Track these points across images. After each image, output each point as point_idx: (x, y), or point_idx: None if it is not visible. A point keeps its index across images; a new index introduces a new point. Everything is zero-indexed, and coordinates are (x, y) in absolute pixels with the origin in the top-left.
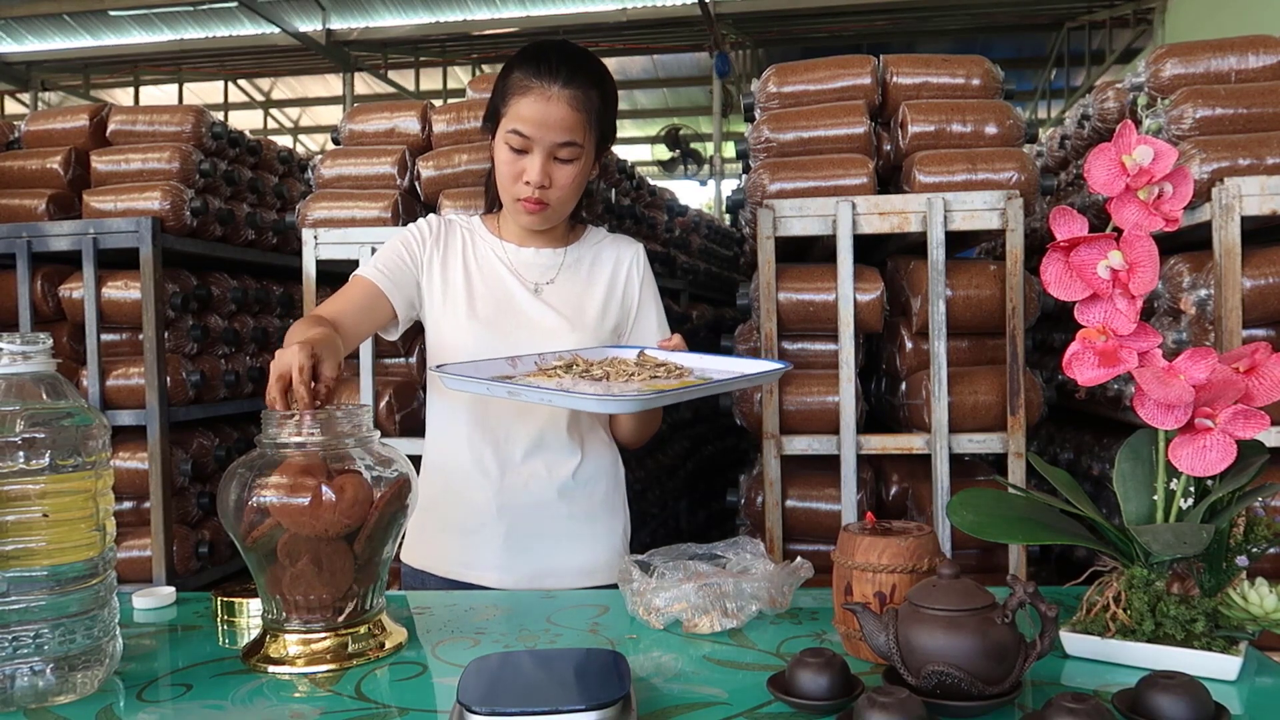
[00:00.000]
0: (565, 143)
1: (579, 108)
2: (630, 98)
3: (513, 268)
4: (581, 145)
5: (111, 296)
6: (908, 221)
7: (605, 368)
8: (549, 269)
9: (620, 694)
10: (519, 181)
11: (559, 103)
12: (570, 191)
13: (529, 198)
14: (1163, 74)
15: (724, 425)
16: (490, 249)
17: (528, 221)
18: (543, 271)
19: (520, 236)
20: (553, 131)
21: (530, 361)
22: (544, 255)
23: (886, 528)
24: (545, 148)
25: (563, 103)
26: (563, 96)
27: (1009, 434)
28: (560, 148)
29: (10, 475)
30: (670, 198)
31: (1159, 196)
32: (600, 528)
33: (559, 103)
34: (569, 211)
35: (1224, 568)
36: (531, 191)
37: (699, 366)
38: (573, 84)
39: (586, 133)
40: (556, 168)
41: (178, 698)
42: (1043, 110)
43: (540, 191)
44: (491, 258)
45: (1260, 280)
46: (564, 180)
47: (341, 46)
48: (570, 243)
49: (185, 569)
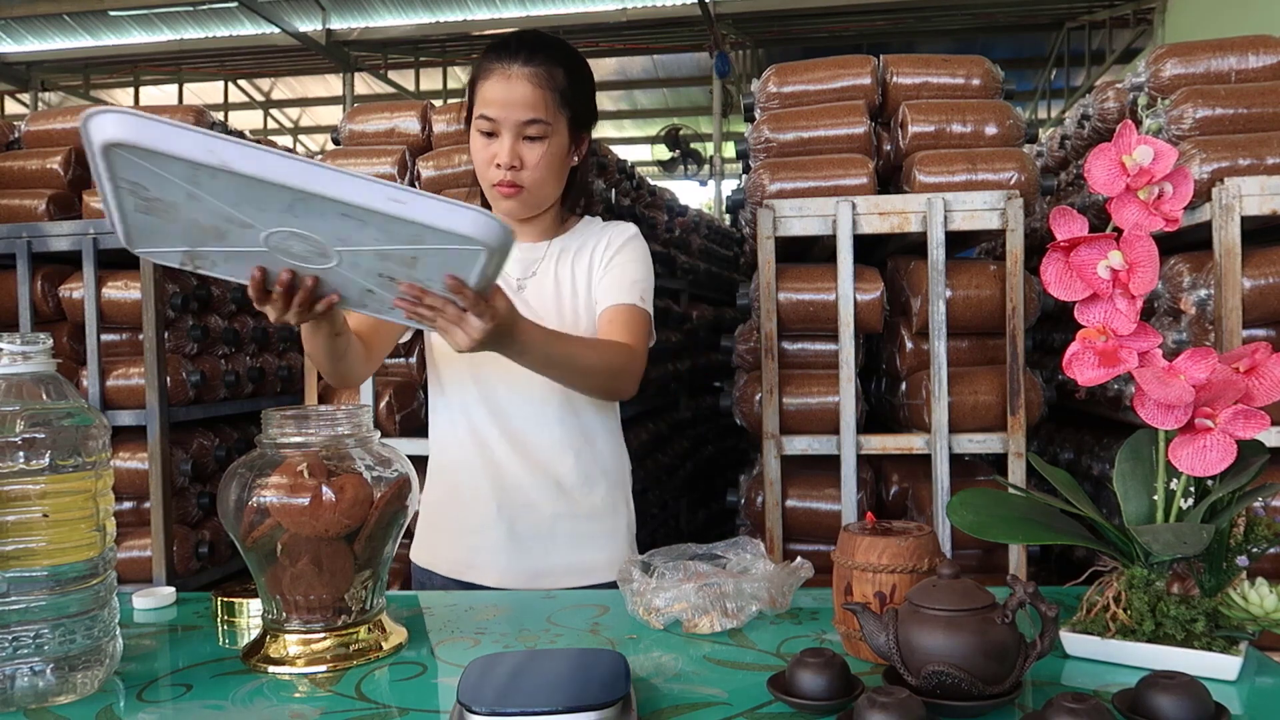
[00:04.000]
0: (530, 120)
1: (540, 85)
2: (630, 98)
3: None
4: (549, 123)
5: (111, 296)
6: (908, 221)
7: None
8: (531, 264)
9: (620, 694)
10: (491, 166)
11: (519, 80)
12: (544, 172)
13: (502, 181)
14: (1163, 74)
15: (724, 425)
16: None
17: (506, 208)
18: (525, 267)
19: None
20: (516, 110)
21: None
22: (526, 250)
23: (886, 528)
24: (511, 128)
25: (523, 80)
26: (523, 74)
27: (1009, 434)
28: (526, 125)
29: (10, 475)
30: (670, 198)
31: (1159, 196)
32: (601, 526)
33: (519, 80)
34: (549, 196)
35: (1224, 568)
36: (503, 174)
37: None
38: (533, 62)
39: (552, 110)
40: (526, 147)
41: (178, 698)
42: (1043, 110)
43: (512, 173)
44: None
45: (1260, 280)
46: (534, 159)
47: (341, 46)
48: (557, 235)
49: (185, 569)
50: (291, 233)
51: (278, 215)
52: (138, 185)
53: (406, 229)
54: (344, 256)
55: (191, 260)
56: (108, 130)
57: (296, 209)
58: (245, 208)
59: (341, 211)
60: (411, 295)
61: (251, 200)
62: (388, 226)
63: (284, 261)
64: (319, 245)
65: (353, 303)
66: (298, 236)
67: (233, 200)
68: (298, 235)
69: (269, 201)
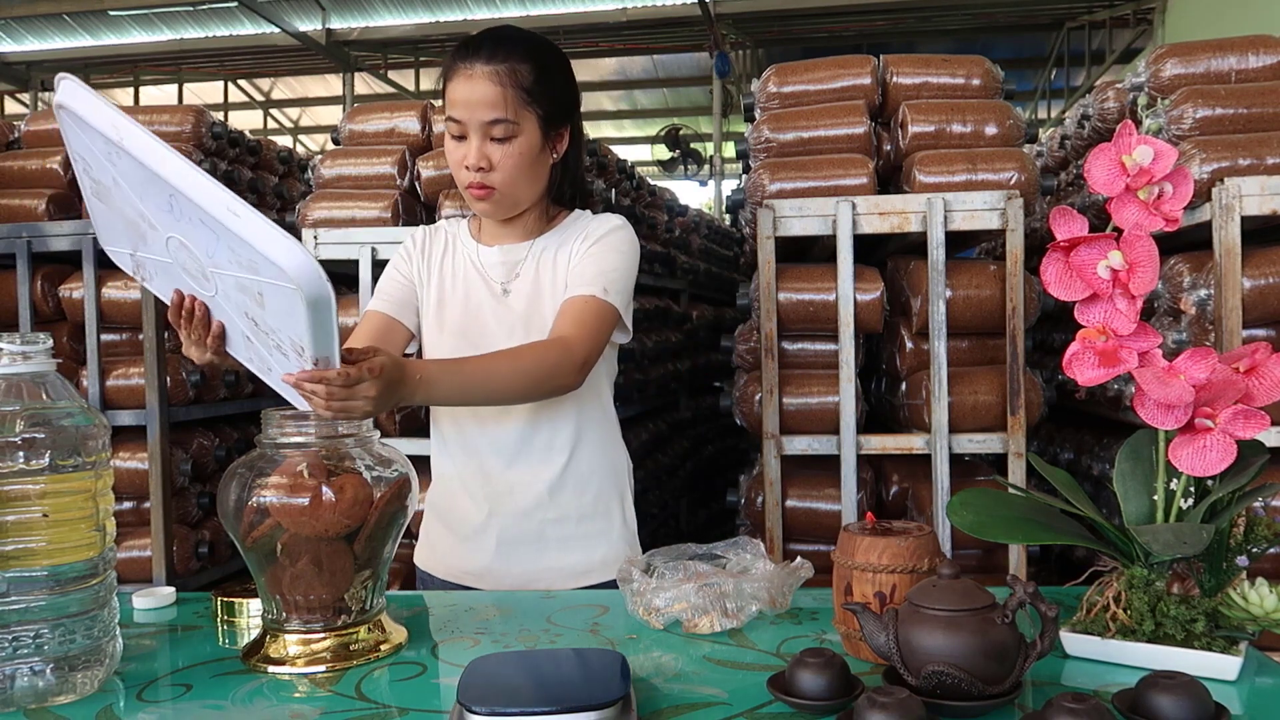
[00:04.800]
0: (494, 120)
1: (501, 83)
2: (630, 98)
3: (482, 270)
4: (514, 121)
5: (111, 296)
6: (908, 221)
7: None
8: (514, 266)
9: (620, 694)
10: (461, 168)
11: (481, 80)
12: (515, 173)
13: (472, 183)
14: (1163, 74)
15: (724, 425)
16: (466, 253)
17: (481, 210)
18: (509, 270)
19: (490, 235)
20: (479, 109)
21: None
22: (509, 252)
23: (886, 528)
24: (477, 128)
25: (484, 79)
26: (484, 73)
27: (1009, 434)
28: (491, 126)
29: (10, 475)
30: (670, 198)
31: (1159, 196)
32: (593, 528)
33: (481, 80)
34: (525, 196)
35: (1224, 568)
36: (473, 176)
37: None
38: (494, 60)
39: (516, 108)
40: (493, 148)
41: (178, 698)
42: (1043, 110)
43: (481, 174)
44: (466, 262)
45: (1260, 280)
46: (502, 159)
47: (341, 46)
48: (543, 233)
49: (185, 569)
50: (181, 243)
51: (166, 215)
52: (85, 161)
53: (245, 250)
54: (217, 282)
55: (137, 268)
56: (60, 93)
57: (174, 206)
58: (147, 201)
59: (200, 217)
60: (291, 382)
61: (149, 193)
62: (232, 244)
63: (188, 284)
64: (199, 262)
65: (240, 354)
66: (185, 249)
67: (138, 189)
68: (185, 247)
69: (157, 194)
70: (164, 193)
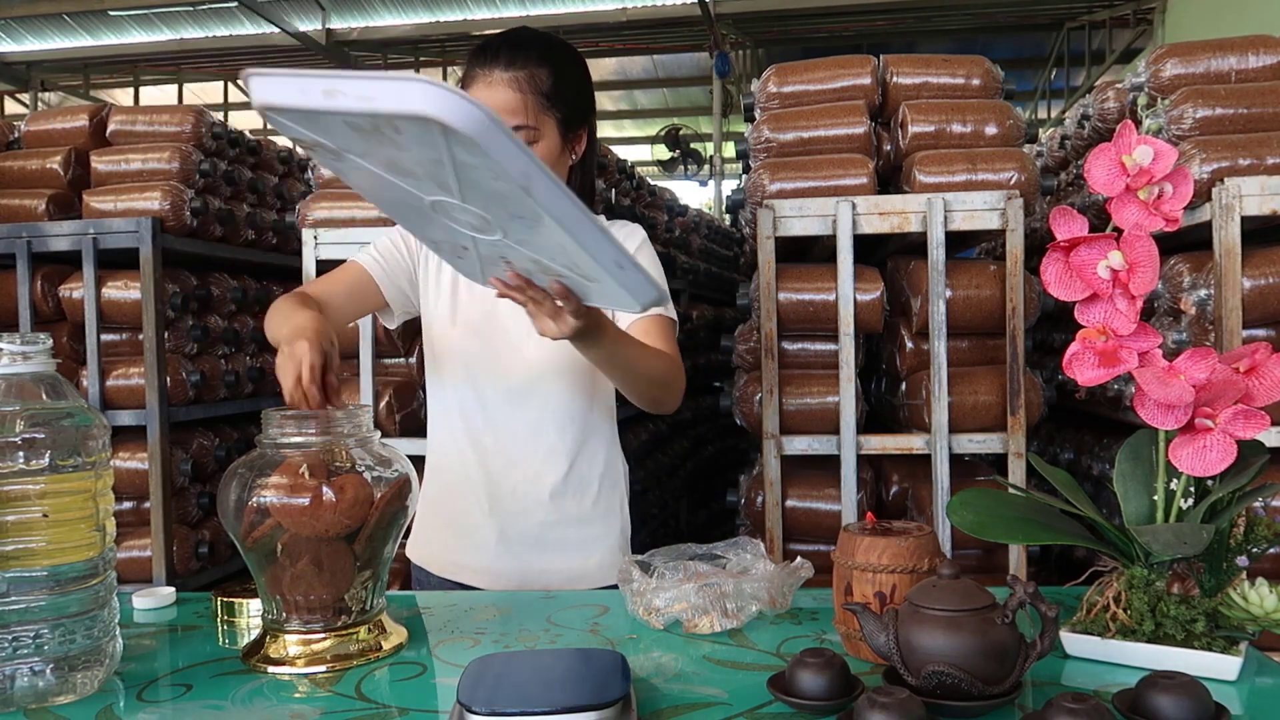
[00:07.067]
0: (515, 126)
1: (521, 89)
2: (630, 98)
3: None
4: (534, 127)
5: (111, 296)
6: (908, 221)
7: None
8: None
9: (620, 694)
10: None
11: (500, 86)
12: None
13: None
14: (1163, 74)
15: (724, 425)
16: None
17: None
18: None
19: None
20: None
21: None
22: None
23: (886, 528)
24: None
25: (504, 86)
26: (503, 80)
27: (1009, 434)
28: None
29: (10, 475)
30: (670, 198)
31: (1159, 196)
32: (592, 531)
33: (500, 86)
34: None
35: (1224, 568)
36: None
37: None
38: (514, 65)
39: (536, 113)
40: None
41: (178, 698)
42: (1043, 110)
43: None
44: None
45: (1260, 280)
46: None
47: (341, 46)
48: None
49: (185, 569)
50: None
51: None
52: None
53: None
54: (488, 218)
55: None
56: (259, 94)
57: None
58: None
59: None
60: (516, 284)
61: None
62: (557, 227)
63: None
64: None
65: (443, 250)
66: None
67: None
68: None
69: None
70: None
